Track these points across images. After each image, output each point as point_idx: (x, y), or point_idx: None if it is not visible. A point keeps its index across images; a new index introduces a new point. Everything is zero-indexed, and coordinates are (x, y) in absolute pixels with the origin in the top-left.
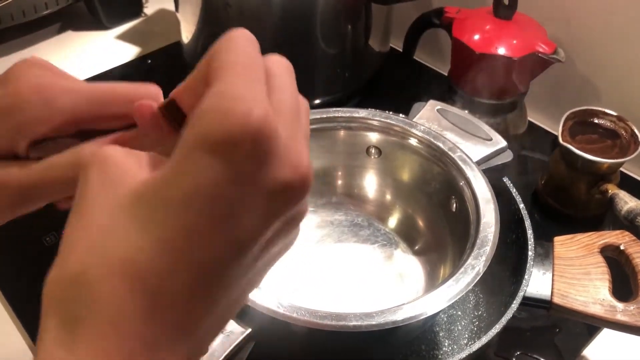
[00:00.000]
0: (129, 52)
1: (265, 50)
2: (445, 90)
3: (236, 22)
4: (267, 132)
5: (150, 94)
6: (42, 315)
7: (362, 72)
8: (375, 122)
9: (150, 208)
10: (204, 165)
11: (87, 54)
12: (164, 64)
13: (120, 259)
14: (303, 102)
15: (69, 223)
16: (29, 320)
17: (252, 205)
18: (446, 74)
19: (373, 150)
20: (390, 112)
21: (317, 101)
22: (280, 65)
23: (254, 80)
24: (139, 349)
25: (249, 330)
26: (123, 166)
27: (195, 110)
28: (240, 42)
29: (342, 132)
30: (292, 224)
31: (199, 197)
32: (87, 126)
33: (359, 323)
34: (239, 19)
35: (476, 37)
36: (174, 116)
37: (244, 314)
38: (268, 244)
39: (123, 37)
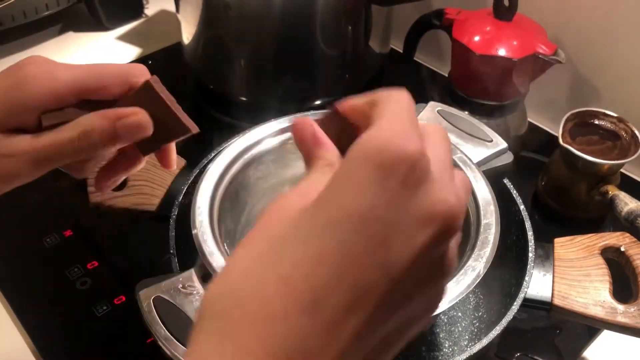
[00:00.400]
0: (129, 53)
1: (265, 52)
2: (446, 91)
3: (236, 23)
4: (422, 163)
5: (137, 70)
6: (199, 318)
7: (362, 73)
8: None
9: (308, 227)
10: (361, 187)
11: (87, 55)
12: (165, 64)
13: (275, 275)
14: (462, 174)
15: (236, 247)
16: (29, 320)
17: (403, 232)
18: (446, 75)
19: None
20: None
21: (317, 102)
22: (436, 129)
23: (413, 126)
24: (278, 352)
25: None
26: (288, 201)
27: (362, 135)
28: (404, 99)
29: None
30: (438, 273)
31: (357, 216)
32: (87, 96)
33: None
34: (240, 20)
35: (476, 38)
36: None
37: None
38: (417, 287)
39: (123, 37)
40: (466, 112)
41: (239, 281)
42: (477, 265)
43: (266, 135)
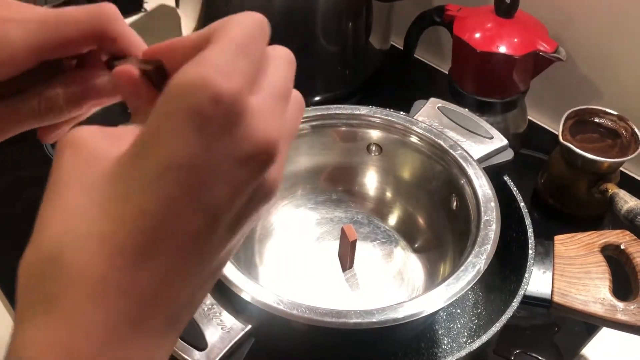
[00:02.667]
0: None
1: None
2: (446, 88)
3: None
4: (238, 108)
5: (104, 12)
6: (18, 296)
7: (363, 69)
8: (376, 120)
9: (127, 182)
10: (177, 135)
11: None
12: None
13: (98, 234)
14: (297, 94)
15: (42, 205)
16: None
17: (222, 174)
18: (447, 72)
19: (374, 148)
20: (391, 110)
21: (317, 98)
22: (282, 54)
23: (243, 56)
24: (119, 323)
25: (249, 327)
26: (95, 146)
27: (174, 76)
28: (248, 21)
29: (343, 129)
30: (259, 198)
31: (174, 167)
32: (49, 56)
33: (360, 320)
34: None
35: (477, 35)
36: (160, 79)
37: (243, 311)
38: (239, 217)
39: None
40: (466, 109)
41: (61, 243)
42: (477, 261)
43: None
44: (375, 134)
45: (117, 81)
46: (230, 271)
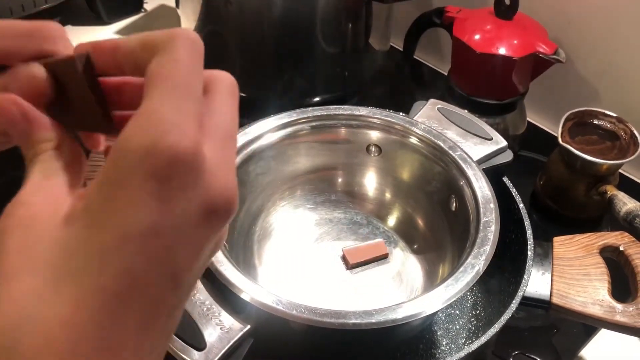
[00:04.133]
0: None
1: (265, 48)
2: (445, 89)
3: (237, 19)
4: (196, 164)
5: (52, 30)
6: None
7: (362, 70)
8: (375, 120)
9: (82, 256)
10: (134, 203)
11: None
12: None
13: (56, 319)
14: (224, 113)
15: None
16: None
17: (184, 235)
18: (446, 74)
19: (373, 149)
20: (391, 111)
21: (317, 99)
22: (223, 84)
23: (187, 100)
24: None
25: (248, 327)
26: (40, 216)
27: (123, 138)
28: (182, 50)
29: (342, 130)
30: (216, 248)
31: (134, 237)
32: None
33: (359, 321)
34: (240, 16)
35: (477, 36)
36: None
37: (242, 311)
38: (198, 271)
39: (123, 32)
40: (466, 111)
41: (18, 331)
42: (476, 263)
43: (266, 130)
44: (374, 135)
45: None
46: (229, 271)
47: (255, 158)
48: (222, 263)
